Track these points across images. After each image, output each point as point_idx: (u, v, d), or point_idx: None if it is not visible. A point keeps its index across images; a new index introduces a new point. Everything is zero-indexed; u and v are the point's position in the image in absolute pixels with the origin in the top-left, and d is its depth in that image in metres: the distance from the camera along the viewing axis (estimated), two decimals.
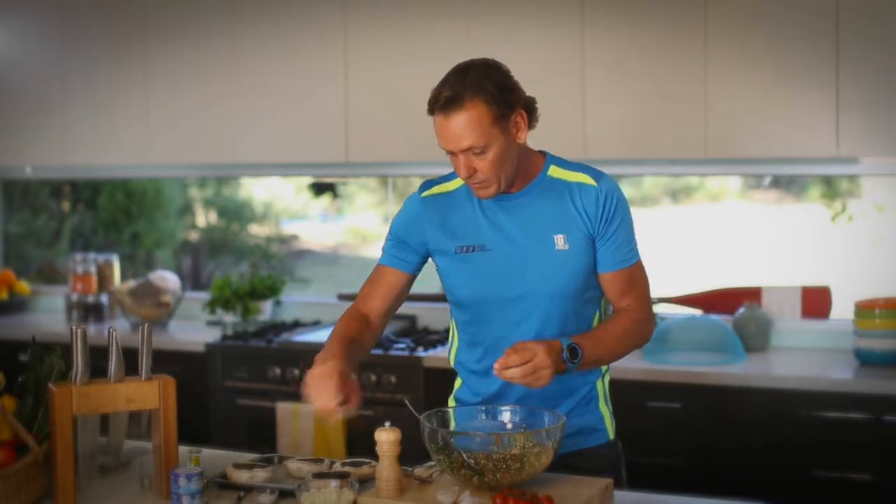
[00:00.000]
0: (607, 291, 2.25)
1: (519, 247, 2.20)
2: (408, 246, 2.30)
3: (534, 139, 2.24)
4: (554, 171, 2.24)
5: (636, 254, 2.25)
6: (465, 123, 2.08)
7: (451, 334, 2.38)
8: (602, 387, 2.30)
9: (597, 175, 2.22)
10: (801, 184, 7.20)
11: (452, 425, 2.12)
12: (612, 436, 2.32)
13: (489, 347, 2.25)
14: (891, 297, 3.54)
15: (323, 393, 2.00)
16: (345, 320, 2.28)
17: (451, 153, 2.13)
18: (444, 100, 2.08)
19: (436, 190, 2.31)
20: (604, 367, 2.30)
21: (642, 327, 2.25)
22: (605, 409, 2.31)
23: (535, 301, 2.19)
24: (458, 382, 2.38)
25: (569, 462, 2.20)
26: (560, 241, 2.19)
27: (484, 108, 2.08)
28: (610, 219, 2.19)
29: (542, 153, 2.28)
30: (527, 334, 2.19)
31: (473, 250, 2.23)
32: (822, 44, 3.47)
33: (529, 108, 2.17)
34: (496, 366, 2.00)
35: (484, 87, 2.08)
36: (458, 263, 2.24)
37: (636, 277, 2.24)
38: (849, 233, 6.72)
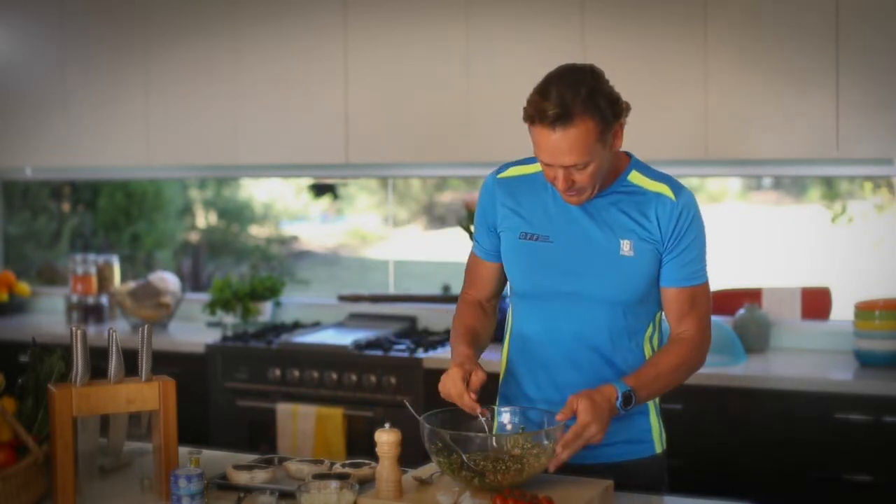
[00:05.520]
0: (667, 309, 2.20)
1: (582, 245, 2.15)
2: (490, 231, 2.27)
3: None
4: (634, 177, 2.18)
5: (703, 274, 2.18)
6: (572, 142, 1.99)
7: (507, 331, 2.33)
8: (654, 399, 2.23)
9: (677, 188, 2.16)
10: (801, 185, 7.21)
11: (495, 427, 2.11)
12: (658, 449, 2.25)
13: (530, 341, 2.23)
14: (891, 298, 3.53)
15: (454, 390, 2.06)
16: (461, 312, 2.30)
17: (549, 165, 2.06)
18: (552, 116, 1.98)
19: (513, 171, 2.25)
20: None
21: (698, 355, 2.20)
22: (655, 421, 2.25)
23: (586, 302, 2.16)
24: (501, 376, 2.33)
25: (606, 472, 2.12)
26: (626, 246, 2.13)
27: (593, 125, 2.00)
28: (682, 235, 2.13)
29: (627, 155, 2.22)
30: (568, 334, 2.17)
31: (536, 239, 2.18)
32: (822, 44, 3.47)
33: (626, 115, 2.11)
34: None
35: (596, 105, 2.00)
36: (517, 248, 2.21)
37: (699, 299, 2.18)
38: (849, 234, 6.73)
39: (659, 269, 2.16)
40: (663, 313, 2.23)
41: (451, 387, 2.07)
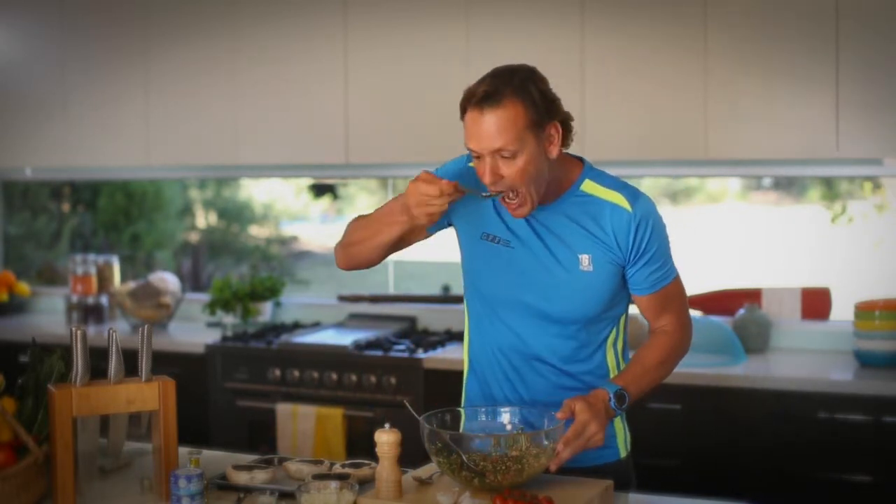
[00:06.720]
0: (643, 311, 2.19)
1: (542, 258, 2.13)
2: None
3: None
4: (588, 186, 2.12)
5: (672, 272, 2.16)
6: (500, 122, 1.97)
7: (465, 326, 2.31)
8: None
9: (632, 197, 2.10)
10: (801, 185, 7.20)
11: (462, 425, 2.11)
12: (623, 453, 2.25)
13: (490, 346, 2.22)
14: (891, 298, 3.54)
15: (431, 187, 1.97)
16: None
17: (479, 156, 2.02)
18: (481, 94, 1.98)
19: None
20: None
21: (681, 345, 2.20)
22: (620, 425, 2.24)
23: (545, 320, 2.14)
24: (465, 374, 2.33)
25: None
26: (585, 261, 2.10)
27: (522, 109, 1.98)
28: (644, 247, 2.09)
29: (580, 161, 2.17)
30: (528, 349, 2.17)
31: (498, 241, 2.16)
32: (822, 44, 3.47)
33: (566, 125, 2.07)
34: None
35: (527, 91, 2.00)
36: (480, 249, 2.18)
37: (672, 295, 2.17)
38: (849, 234, 6.72)
39: (620, 279, 2.13)
40: (639, 312, 2.22)
41: (425, 188, 1.98)
